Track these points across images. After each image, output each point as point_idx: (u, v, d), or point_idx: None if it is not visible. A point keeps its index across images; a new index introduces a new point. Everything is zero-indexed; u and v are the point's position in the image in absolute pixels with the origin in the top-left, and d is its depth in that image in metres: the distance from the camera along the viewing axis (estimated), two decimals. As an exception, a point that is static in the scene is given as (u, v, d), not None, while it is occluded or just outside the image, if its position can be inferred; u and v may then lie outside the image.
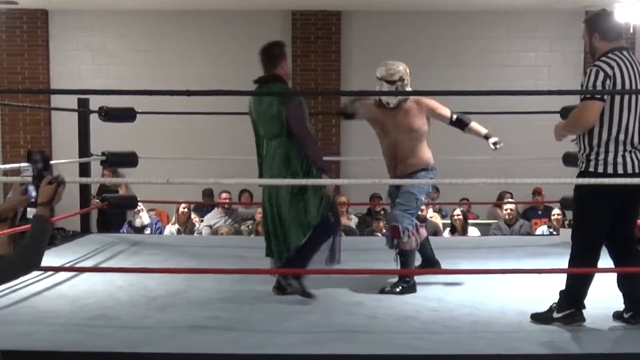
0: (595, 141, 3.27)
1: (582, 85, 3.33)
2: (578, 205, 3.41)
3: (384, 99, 4.22)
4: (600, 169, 3.27)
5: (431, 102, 4.31)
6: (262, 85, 3.91)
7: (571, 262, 3.40)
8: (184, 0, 9.32)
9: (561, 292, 3.37)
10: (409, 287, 4.08)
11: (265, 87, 3.90)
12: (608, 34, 3.35)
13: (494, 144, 4.34)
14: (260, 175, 4.03)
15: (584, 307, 3.35)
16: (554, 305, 3.38)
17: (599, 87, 3.24)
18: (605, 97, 3.24)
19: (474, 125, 4.42)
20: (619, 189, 3.25)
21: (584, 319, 3.33)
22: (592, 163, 3.29)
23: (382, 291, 4.07)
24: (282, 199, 3.88)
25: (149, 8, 9.65)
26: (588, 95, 3.25)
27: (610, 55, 3.30)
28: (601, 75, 3.24)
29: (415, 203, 4.18)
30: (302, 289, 3.89)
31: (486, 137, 4.38)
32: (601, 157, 3.27)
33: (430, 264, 4.47)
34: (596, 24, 3.38)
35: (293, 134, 3.82)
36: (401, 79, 4.21)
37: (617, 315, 3.42)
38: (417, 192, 4.17)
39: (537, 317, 3.42)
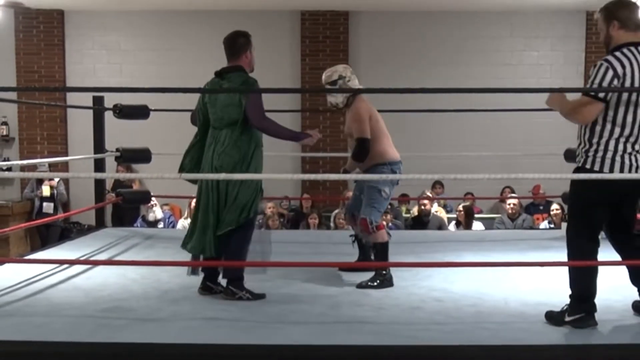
0: (595, 139, 3.15)
1: (589, 78, 3.14)
2: (573, 204, 3.31)
3: (330, 100, 4.33)
4: (597, 167, 3.16)
5: (358, 112, 4.25)
6: (223, 76, 3.84)
7: (570, 260, 3.30)
8: (196, 1, 9.42)
9: (570, 296, 3.27)
10: (387, 281, 4.10)
11: (226, 78, 3.82)
12: (628, 22, 3.14)
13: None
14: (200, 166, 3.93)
15: (595, 309, 3.23)
16: (566, 307, 3.28)
17: (604, 86, 3.06)
18: (609, 96, 3.08)
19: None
20: (614, 188, 3.15)
21: (595, 323, 3.21)
22: (590, 160, 3.17)
23: (360, 286, 4.07)
24: (232, 184, 3.76)
25: (161, 8, 9.76)
26: (592, 93, 3.08)
27: (624, 50, 3.11)
28: (610, 74, 3.07)
29: (379, 195, 4.21)
30: (252, 295, 3.80)
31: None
32: (599, 154, 3.15)
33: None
34: (615, 11, 3.17)
35: (249, 123, 3.76)
36: (341, 77, 4.28)
37: (636, 306, 3.38)
38: (380, 185, 4.20)
39: (550, 317, 3.32)
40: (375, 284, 4.08)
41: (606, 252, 3.44)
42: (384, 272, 4.11)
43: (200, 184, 3.91)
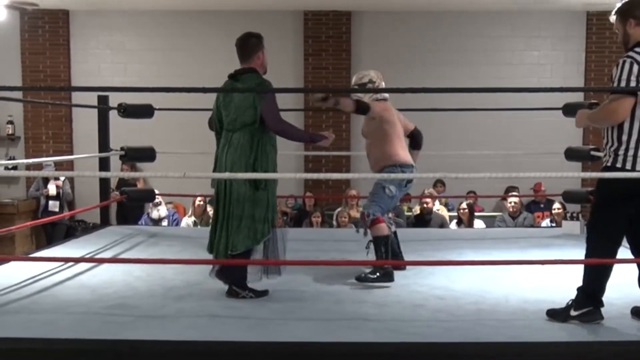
0: (625, 137, 3.13)
1: (612, 77, 3.15)
2: (599, 201, 3.25)
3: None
4: (629, 165, 3.14)
5: (379, 108, 4.35)
6: (237, 78, 3.83)
7: (587, 256, 3.26)
8: (199, 1, 9.46)
9: (579, 289, 3.26)
10: (386, 275, 4.12)
11: (240, 80, 3.81)
12: None
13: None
14: (215, 168, 3.91)
15: (602, 304, 3.24)
16: (571, 302, 3.27)
17: (632, 81, 3.06)
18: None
19: (416, 152, 4.60)
20: None
21: (601, 317, 3.23)
22: (620, 158, 3.15)
23: (359, 278, 4.10)
24: (242, 195, 3.75)
25: (165, 8, 9.80)
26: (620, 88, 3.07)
27: None
28: (635, 68, 3.06)
29: (383, 192, 4.25)
30: (255, 293, 3.81)
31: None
32: (630, 152, 3.13)
33: (395, 259, 4.51)
34: (631, 9, 3.20)
35: (264, 125, 3.73)
36: (371, 82, 4.35)
37: (635, 312, 3.36)
38: (385, 183, 4.24)
39: (553, 315, 3.31)
40: (374, 276, 4.10)
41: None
42: (385, 265, 4.13)
43: (216, 187, 3.91)
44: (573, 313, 3.25)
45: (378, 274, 4.12)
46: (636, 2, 3.25)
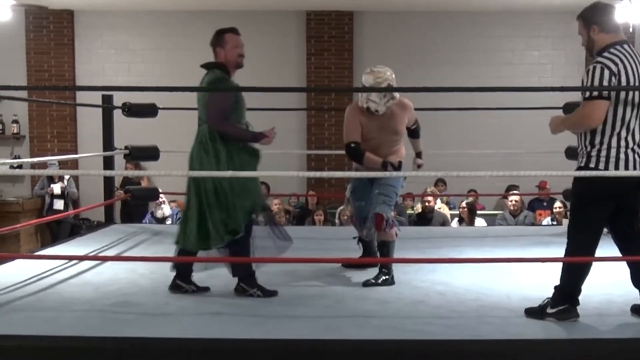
0: (598, 138, 3.17)
1: (583, 83, 3.16)
2: (575, 202, 3.32)
3: (373, 107, 4.18)
4: (602, 166, 3.18)
5: (410, 103, 4.38)
6: (206, 72, 3.89)
7: (567, 255, 3.32)
8: (202, 1, 9.50)
9: (556, 288, 3.31)
10: (390, 279, 4.09)
11: (205, 75, 3.87)
12: (607, 25, 3.19)
13: (419, 165, 4.55)
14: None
15: (578, 303, 3.28)
16: (548, 300, 3.32)
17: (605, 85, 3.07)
18: (610, 94, 3.10)
19: (420, 140, 4.63)
20: (618, 186, 3.15)
21: (577, 315, 3.27)
22: (593, 159, 3.19)
23: (366, 284, 4.04)
24: (211, 193, 3.73)
25: (168, 8, 9.85)
26: (595, 94, 3.09)
27: (612, 50, 3.16)
28: (606, 73, 3.09)
29: (394, 195, 4.21)
30: (263, 292, 3.79)
31: (418, 155, 4.59)
32: (603, 153, 3.17)
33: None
34: (593, 15, 3.21)
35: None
36: (390, 86, 4.19)
37: (635, 309, 3.37)
38: (396, 185, 4.20)
39: (530, 313, 3.35)
40: (379, 281, 4.07)
41: (606, 248, 3.47)
42: (387, 270, 4.10)
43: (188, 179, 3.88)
44: (549, 311, 3.29)
45: (383, 278, 4.07)
46: (599, 7, 3.26)
